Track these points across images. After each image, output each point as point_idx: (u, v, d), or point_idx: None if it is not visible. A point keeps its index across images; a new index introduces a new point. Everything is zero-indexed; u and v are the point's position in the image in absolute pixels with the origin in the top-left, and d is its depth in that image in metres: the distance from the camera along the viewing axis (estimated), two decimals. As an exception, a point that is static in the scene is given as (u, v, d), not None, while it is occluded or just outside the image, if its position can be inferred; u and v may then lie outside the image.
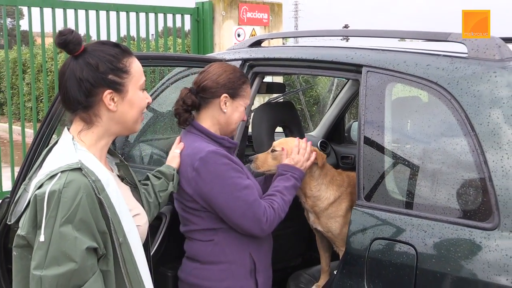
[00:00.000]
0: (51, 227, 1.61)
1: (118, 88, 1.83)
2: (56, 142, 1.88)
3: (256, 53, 3.03)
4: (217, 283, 2.43)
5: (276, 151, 2.62)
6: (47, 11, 7.02)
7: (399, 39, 2.90)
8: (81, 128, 1.84)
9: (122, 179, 2.04)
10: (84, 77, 1.78)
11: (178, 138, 2.53)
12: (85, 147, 1.81)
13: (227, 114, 2.49)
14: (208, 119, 2.50)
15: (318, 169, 2.66)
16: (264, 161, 2.62)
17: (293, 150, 2.56)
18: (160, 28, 8.17)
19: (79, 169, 1.69)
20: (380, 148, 2.31)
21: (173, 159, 2.44)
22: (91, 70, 1.79)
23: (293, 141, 2.64)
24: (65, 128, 1.88)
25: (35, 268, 1.61)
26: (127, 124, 1.90)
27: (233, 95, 2.49)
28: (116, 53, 1.84)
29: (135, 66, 1.89)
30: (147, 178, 2.36)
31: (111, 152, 2.02)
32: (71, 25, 7.22)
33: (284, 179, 2.48)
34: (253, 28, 8.51)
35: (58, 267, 1.60)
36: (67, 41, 1.77)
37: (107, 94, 1.81)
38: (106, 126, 1.86)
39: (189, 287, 2.49)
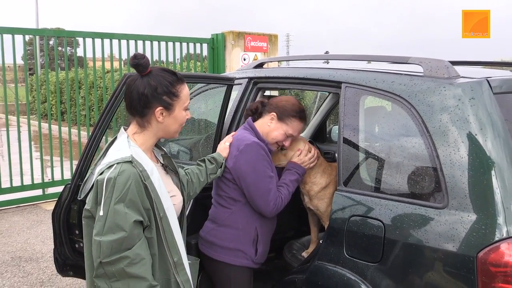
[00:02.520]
0: (108, 205, 1.67)
1: (167, 106, 1.86)
2: (116, 138, 1.92)
3: (259, 73, 3.01)
4: (226, 242, 2.45)
5: (284, 149, 2.60)
6: (98, 41, 7.04)
7: (367, 61, 2.88)
8: (136, 131, 1.89)
9: (166, 166, 2.06)
10: (145, 93, 1.82)
11: (230, 135, 2.54)
12: (137, 145, 1.85)
13: (270, 128, 2.50)
14: (259, 124, 2.53)
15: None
16: (275, 156, 2.60)
17: (302, 152, 2.56)
18: (184, 54, 8.17)
19: (130, 162, 1.73)
20: (355, 146, 2.30)
21: (224, 150, 2.44)
22: (151, 89, 1.82)
23: (299, 142, 2.62)
24: (122, 128, 1.93)
25: (96, 235, 1.68)
26: (169, 132, 1.94)
27: (280, 118, 2.49)
28: (172, 80, 1.87)
29: (184, 92, 1.92)
30: (203, 161, 2.40)
31: (158, 146, 2.05)
32: (115, 52, 7.24)
33: (290, 173, 2.50)
34: (255, 54, 8.51)
35: (113, 235, 1.66)
36: (139, 64, 1.81)
37: (158, 110, 1.84)
38: (154, 132, 1.90)
39: (206, 243, 2.51)
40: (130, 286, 1.67)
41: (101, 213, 1.67)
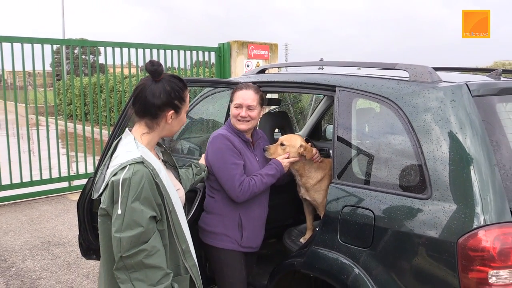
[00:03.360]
0: (125, 203, 1.62)
1: (177, 110, 1.83)
2: (120, 139, 1.85)
3: (261, 78, 3.00)
4: (213, 227, 2.45)
5: (284, 145, 2.57)
6: (117, 50, 7.03)
7: (357, 68, 2.84)
8: (144, 131, 1.83)
9: (165, 162, 2.03)
10: (160, 97, 1.78)
11: None
12: (143, 144, 1.80)
13: (231, 114, 2.51)
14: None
15: (310, 159, 2.61)
16: (275, 151, 2.57)
17: (289, 158, 2.52)
18: (194, 61, 8.14)
19: (141, 162, 1.68)
20: (348, 143, 2.28)
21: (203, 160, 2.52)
22: (166, 94, 1.79)
23: (297, 140, 2.59)
24: (127, 129, 1.85)
25: (116, 232, 1.62)
26: (172, 132, 1.91)
27: (230, 101, 2.52)
28: (182, 86, 1.85)
29: (188, 96, 1.89)
30: (190, 165, 2.44)
31: (158, 143, 2.00)
32: (133, 60, 7.23)
33: (270, 168, 2.48)
34: (258, 61, 8.48)
35: (131, 231, 1.62)
36: (156, 70, 1.78)
37: (171, 113, 1.81)
38: (160, 132, 1.86)
39: (200, 230, 2.53)
40: (148, 275, 1.65)
41: (119, 211, 1.61)
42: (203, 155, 2.54)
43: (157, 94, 1.78)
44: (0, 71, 6.42)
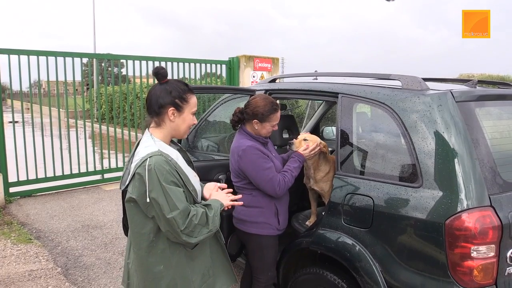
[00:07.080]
0: (160, 188, 1.62)
1: (178, 108, 1.77)
2: (141, 139, 1.83)
3: (273, 86, 3.02)
4: (255, 218, 2.44)
5: (307, 140, 2.59)
6: (143, 62, 7.04)
7: (346, 77, 2.78)
8: (155, 129, 1.80)
9: None
10: (161, 96, 1.76)
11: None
12: (159, 139, 1.78)
13: (259, 130, 2.45)
14: (248, 128, 2.48)
15: (322, 154, 2.65)
16: (299, 145, 2.58)
17: (308, 148, 2.53)
18: (208, 72, 8.16)
19: (160, 155, 1.67)
20: (349, 141, 2.31)
21: (210, 193, 1.97)
22: (167, 92, 1.76)
23: (316, 137, 2.62)
24: (146, 130, 1.83)
25: (167, 214, 1.62)
26: (179, 132, 1.82)
27: (262, 120, 2.42)
28: (184, 89, 1.79)
29: (193, 100, 1.82)
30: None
31: (173, 142, 1.95)
32: (150, 72, 7.22)
33: (294, 161, 2.48)
34: (262, 73, 8.51)
35: (177, 208, 1.63)
36: (159, 72, 1.76)
37: (171, 109, 1.76)
38: (168, 130, 1.80)
39: (238, 221, 2.50)
40: (201, 223, 1.68)
41: (160, 197, 1.62)
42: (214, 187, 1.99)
43: (158, 93, 1.76)
44: (40, 80, 6.44)
